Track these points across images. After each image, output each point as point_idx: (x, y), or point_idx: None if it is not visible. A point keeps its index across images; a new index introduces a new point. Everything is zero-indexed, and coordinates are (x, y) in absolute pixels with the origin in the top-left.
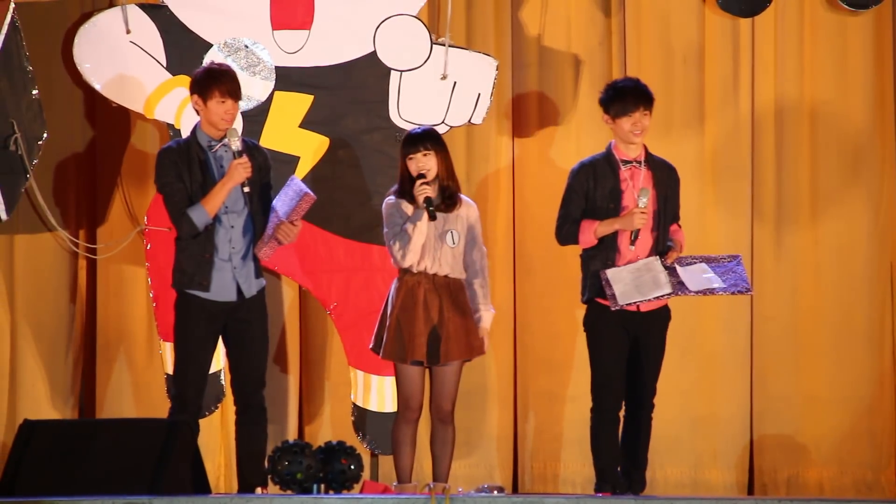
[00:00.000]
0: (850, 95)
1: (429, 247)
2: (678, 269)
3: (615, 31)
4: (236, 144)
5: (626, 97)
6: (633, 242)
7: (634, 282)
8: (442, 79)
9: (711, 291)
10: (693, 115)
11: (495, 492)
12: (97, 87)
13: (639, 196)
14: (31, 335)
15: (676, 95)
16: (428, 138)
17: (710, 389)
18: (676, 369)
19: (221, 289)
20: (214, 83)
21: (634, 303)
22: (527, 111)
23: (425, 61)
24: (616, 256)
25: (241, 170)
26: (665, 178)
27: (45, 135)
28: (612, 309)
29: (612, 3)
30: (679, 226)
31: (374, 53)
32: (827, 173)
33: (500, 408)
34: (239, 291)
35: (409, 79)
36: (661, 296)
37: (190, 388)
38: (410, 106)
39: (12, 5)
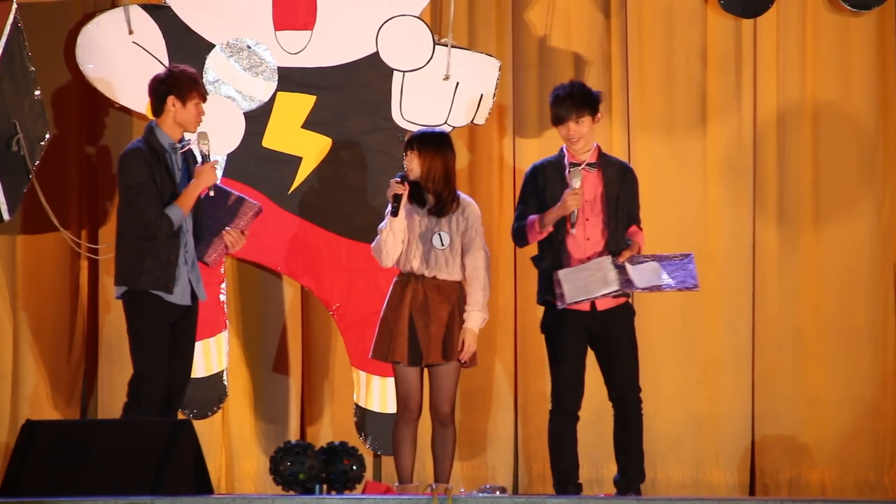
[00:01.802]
0: (852, 96)
1: (417, 248)
2: (628, 266)
3: (617, 32)
4: (206, 148)
5: (558, 106)
6: (572, 226)
7: (584, 281)
8: (444, 79)
9: (658, 288)
10: (695, 116)
11: (497, 492)
12: (100, 87)
13: (571, 177)
14: (33, 335)
15: (679, 96)
16: (416, 140)
17: (712, 390)
18: (678, 370)
19: (181, 293)
20: (194, 86)
21: (581, 301)
22: (528, 112)
23: (428, 62)
24: (565, 257)
25: (213, 174)
26: (615, 178)
27: (47, 135)
28: (559, 307)
29: (614, 3)
30: (640, 228)
31: (376, 54)
32: (830, 174)
33: (502, 409)
34: (193, 295)
35: (412, 79)
36: (609, 293)
37: (154, 391)
38: (413, 106)
39: (14, 6)
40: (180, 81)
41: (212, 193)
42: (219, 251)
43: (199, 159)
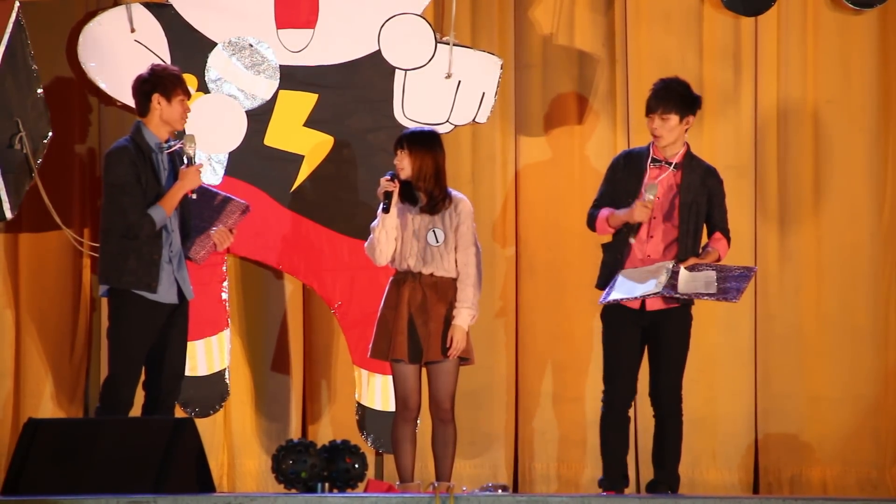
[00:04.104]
0: (853, 94)
1: (412, 246)
2: (682, 272)
3: (618, 31)
4: (192, 150)
5: (650, 98)
6: (633, 235)
7: (635, 282)
8: (446, 78)
9: (698, 296)
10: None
11: (500, 491)
12: (102, 85)
13: (646, 190)
14: (35, 333)
15: None
16: (406, 138)
17: (713, 388)
18: None
19: (166, 291)
20: (178, 83)
21: (616, 300)
22: (530, 111)
23: (430, 60)
24: (626, 251)
25: (197, 177)
26: (696, 182)
27: (49, 133)
28: (599, 303)
29: (615, 2)
30: (724, 235)
31: (378, 52)
32: (831, 172)
33: (504, 408)
34: (180, 294)
35: (414, 78)
36: (646, 295)
37: (128, 391)
38: (415, 105)
39: (17, 4)
40: (164, 79)
41: (194, 196)
42: (206, 248)
43: (185, 161)
